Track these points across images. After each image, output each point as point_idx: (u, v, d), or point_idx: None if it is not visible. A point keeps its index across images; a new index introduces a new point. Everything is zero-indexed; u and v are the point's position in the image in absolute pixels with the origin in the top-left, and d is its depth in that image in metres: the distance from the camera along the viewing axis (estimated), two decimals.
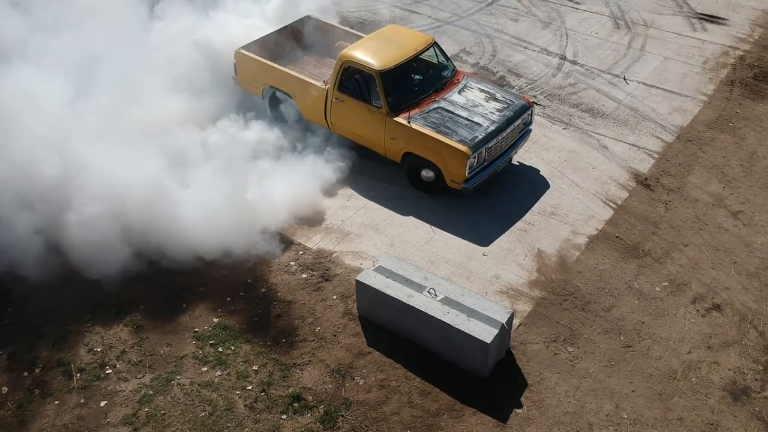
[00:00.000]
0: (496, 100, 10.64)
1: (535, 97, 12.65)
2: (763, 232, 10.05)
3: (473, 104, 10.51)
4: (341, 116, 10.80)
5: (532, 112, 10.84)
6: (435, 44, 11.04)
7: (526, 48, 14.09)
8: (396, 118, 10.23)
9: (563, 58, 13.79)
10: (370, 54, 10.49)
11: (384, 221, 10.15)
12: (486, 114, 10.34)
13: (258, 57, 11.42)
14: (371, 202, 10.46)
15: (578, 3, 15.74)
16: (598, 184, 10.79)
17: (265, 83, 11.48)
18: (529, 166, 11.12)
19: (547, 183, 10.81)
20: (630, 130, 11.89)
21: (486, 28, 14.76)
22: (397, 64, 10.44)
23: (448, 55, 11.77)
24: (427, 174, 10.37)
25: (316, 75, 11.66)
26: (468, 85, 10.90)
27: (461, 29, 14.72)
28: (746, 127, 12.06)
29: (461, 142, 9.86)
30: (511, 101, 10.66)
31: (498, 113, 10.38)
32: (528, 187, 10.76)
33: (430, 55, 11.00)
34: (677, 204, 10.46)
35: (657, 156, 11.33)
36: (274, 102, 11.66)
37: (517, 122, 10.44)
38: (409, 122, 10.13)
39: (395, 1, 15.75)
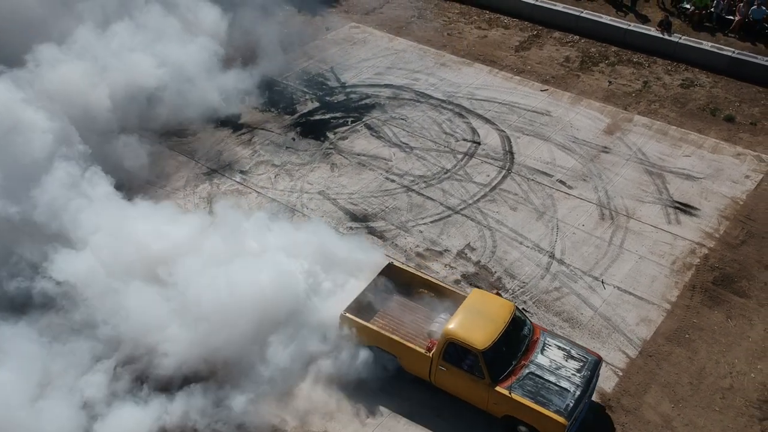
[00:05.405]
0: (573, 358, 12.65)
1: (524, 303, 15.24)
2: None
3: (556, 366, 12.51)
4: (445, 379, 12.79)
5: (601, 364, 12.94)
6: (517, 309, 13.09)
7: (521, 244, 16.65)
8: (497, 388, 12.18)
9: (552, 256, 16.33)
10: (471, 332, 12.38)
11: None
12: (570, 377, 12.35)
13: (363, 321, 13.24)
14: None
15: (570, 188, 18.25)
16: None
17: (368, 342, 13.24)
18: None
19: None
20: (601, 343, 14.42)
21: (488, 218, 17.34)
22: (495, 340, 12.32)
23: (463, 252, 14.32)
24: (523, 429, 12.37)
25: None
26: (546, 342, 12.91)
27: (468, 220, 17.31)
28: (700, 339, 14.52)
29: (557, 412, 11.82)
30: (586, 358, 12.68)
31: (578, 374, 12.38)
32: None
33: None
34: (631, 427, 12.99)
35: (621, 374, 13.85)
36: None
37: (595, 380, 12.67)
38: (510, 393, 12.12)
39: (412, 184, 18.38)
